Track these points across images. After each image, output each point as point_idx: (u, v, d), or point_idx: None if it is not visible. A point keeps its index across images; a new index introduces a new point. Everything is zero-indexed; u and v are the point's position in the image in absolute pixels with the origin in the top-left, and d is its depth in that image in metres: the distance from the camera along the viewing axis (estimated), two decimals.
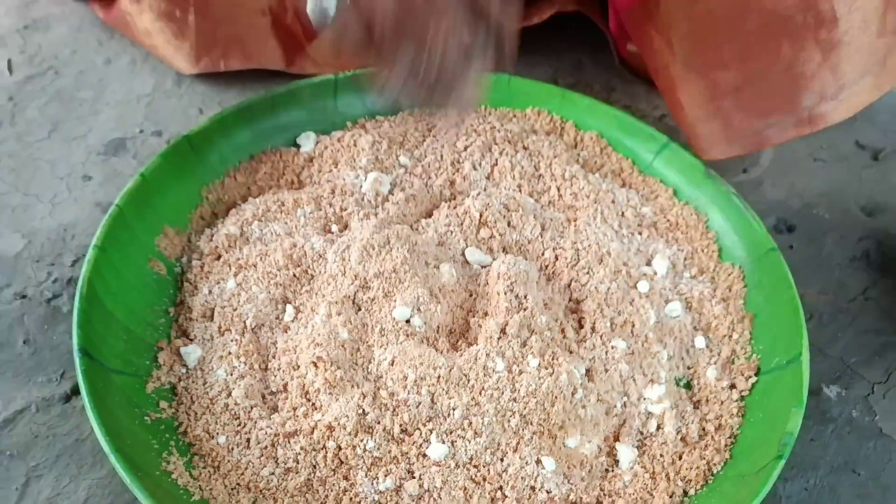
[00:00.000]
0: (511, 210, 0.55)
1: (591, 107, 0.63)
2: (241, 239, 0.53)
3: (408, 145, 0.61)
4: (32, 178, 0.60)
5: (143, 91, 0.68)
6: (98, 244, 0.48)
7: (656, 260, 0.55)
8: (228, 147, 0.58)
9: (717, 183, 0.57)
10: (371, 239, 0.50)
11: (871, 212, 0.63)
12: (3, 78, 0.68)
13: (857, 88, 0.53)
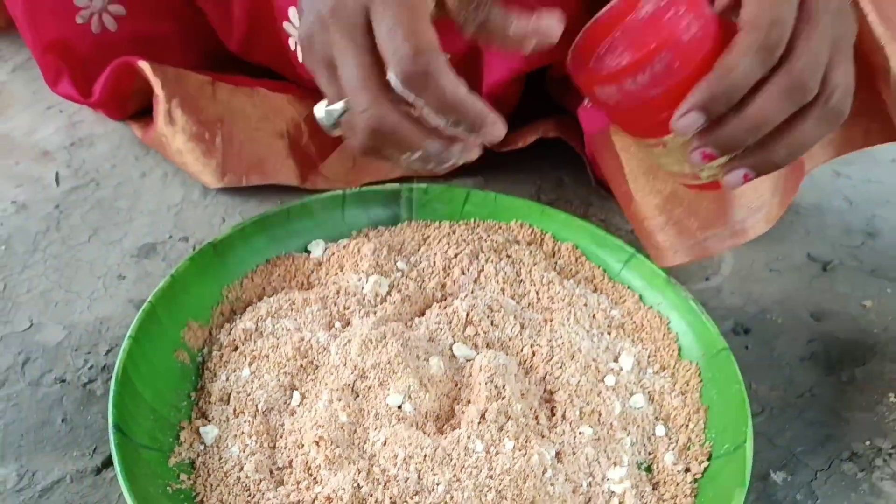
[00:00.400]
0: (494, 311, 0.63)
1: (567, 221, 0.71)
2: (256, 333, 0.60)
3: (405, 252, 0.69)
4: (74, 277, 0.68)
5: (172, 201, 0.77)
6: (133, 335, 0.56)
7: (622, 357, 0.62)
8: (247, 252, 0.66)
9: (678, 290, 0.65)
10: (369, 334, 0.57)
11: (819, 317, 0.71)
12: (52, 189, 0.77)
13: (774, 202, 0.64)
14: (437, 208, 0.73)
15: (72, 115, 0.87)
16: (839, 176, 0.88)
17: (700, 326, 0.63)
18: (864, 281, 0.74)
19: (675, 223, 0.65)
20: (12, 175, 0.78)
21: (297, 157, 0.79)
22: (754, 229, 0.65)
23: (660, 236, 0.65)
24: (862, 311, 0.71)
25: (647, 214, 0.65)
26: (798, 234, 0.79)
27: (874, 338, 0.69)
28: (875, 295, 0.73)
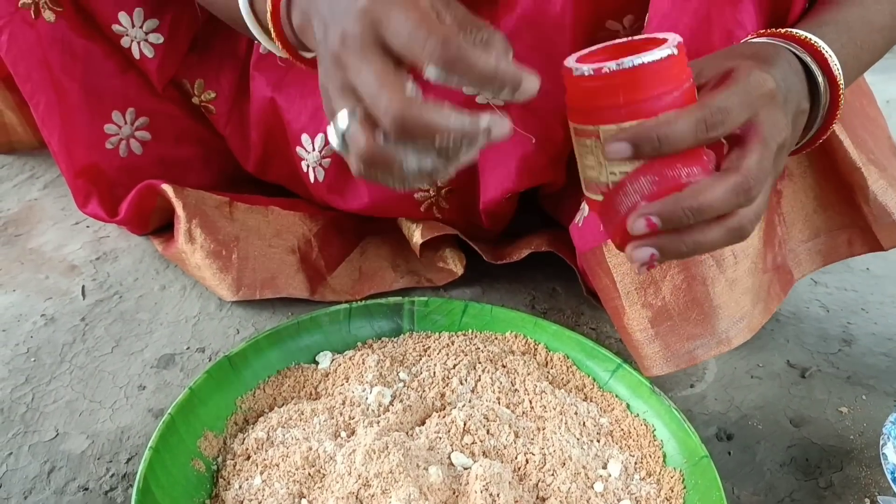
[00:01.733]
0: (490, 420, 0.67)
1: (559, 332, 0.76)
2: (268, 442, 0.65)
3: (407, 363, 0.74)
4: (98, 387, 0.73)
5: (190, 313, 0.82)
6: (153, 446, 0.60)
7: (611, 464, 0.66)
8: (260, 364, 0.71)
9: (662, 399, 0.69)
10: (373, 444, 0.62)
11: (798, 423, 0.75)
12: (78, 302, 0.83)
13: (755, 312, 0.69)
14: (437, 320, 0.79)
15: (97, 230, 0.94)
16: (816, 284, 0.94)
17: (683, 434, 0.67)
18: (841, 387, 0.79)
19: (662, 337, 0.70)
20: (42, 289, 0.84)
21: (307, 270, 0.85)
22: (738, 338, 0.70)
23: (649, 348, 0.70)
24: (839, 417, 0.75)
25: (638, 328, 0.71)
26: (778, 341, 0.84)
27: (850, 443, 0.72)
28: (851, 401, 0.77)
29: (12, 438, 0.67)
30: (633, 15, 0.69)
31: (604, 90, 0.49)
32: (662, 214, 0.48)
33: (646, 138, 0.47)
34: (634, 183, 0.49)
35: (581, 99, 0.51)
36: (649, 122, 0.47)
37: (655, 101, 0.48)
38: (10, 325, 0.79)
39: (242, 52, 0.88)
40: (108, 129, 0.87)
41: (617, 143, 0.47)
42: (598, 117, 0.50)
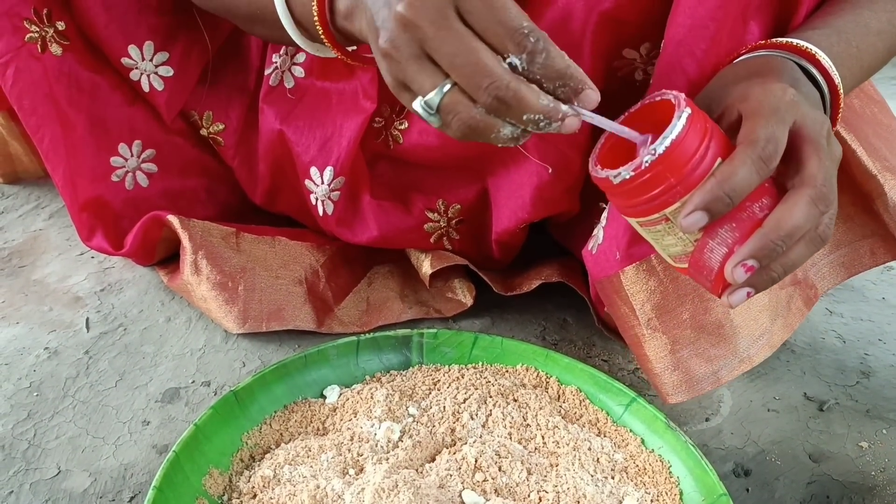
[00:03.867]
0: (502, 457, 0.66)
1: (571, 365, 0.75)
2: (274, 480, 0.63)
3: (416, 397, 0.72)
4: (101, 423, 0.72)
5: (196, 346, 0.81)
6: (157, 485, 0.59)
7: (626, 502, 0.64)
8: (267, 399, 0.70)
9: (678, 434, 0.68)
10: (382, 483, 0.60)
11: (817, 459, 0.73)
12: (82, 334, 0.81)
13: (775, 328, 0.68)
14: (447, 352, 0.77)
15: (102, 261, 0.93)
16: (832, 314, 0.92)
17: (700, 471, 0.65)
18: (860, 421, 0.77)
19: (685, 361, 0.69)
20: (46, 321, 0.83)
21: (315, 302, 0.84)
22: (759, 355, 0.69)
23: (670, 376, 0.69)
24: (859, 453, 0.73)
25: (659, 355, 0.69)
26: (794, 373, 0.83)
27: (872, 480, 0.70)
28: (871, 436, 0.75)
29: (13, 476, 0.66)
30: (650, 43, 0.69)
31: (650, 182, 0.49)
32: (756, 255, 0.48)
33: (716, 201, 0.48)
34: (715, 238, 0.50)
35: (631, 197, 0.51)
36: (709, 184, 0.48)
37: (700, 162, 0.48)
38: (12, 358, 0.78)
39: (252, 84, 0.88)
40: (115, 162, 0.87)
41: (691, 218, 0.48)
42: (657, 205, 0.50)
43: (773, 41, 0.58)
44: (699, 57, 0.60)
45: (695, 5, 0.59)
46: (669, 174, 0.48)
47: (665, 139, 0.48)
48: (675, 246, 0.53)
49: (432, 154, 0.81)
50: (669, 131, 0.48)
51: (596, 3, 0.65)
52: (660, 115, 0.50)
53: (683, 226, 0.49)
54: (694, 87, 0.61)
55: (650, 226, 0.52)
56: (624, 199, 0.52)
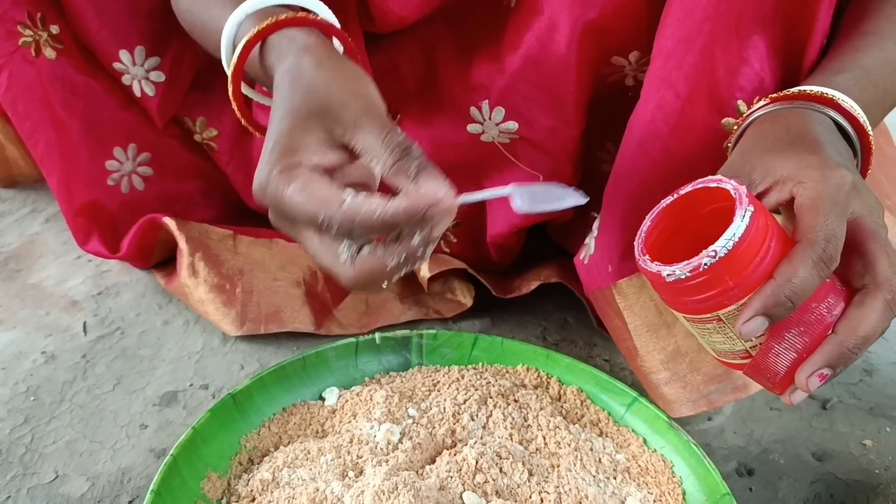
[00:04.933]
0: (503, 458, 0.65)
1: (572, 365, 0.74)
2: (273, 483, 0.62)
3: (416, 398, 0.72)
4: (98, 427, 0.71)
5: (193, 349, 0.80)
6: (154, 489, 0.58)
7: (629, 502, 0.64)
8: (265, 402, 0.69)
9: (680, 434, 0.67)
10: (382, 485, 0.59)
11: (820, 457, 0.72)
12: (79, 338, 0.81)
13: None
14: (446, 353, 0.77)
15: (99, 264, 0.92)
16: None
17: (703, 471, 0.64)
18: (864, 419, 0.76)
19: (679, 378, 0.68)
20: (43, 325, 0.83)
21: (313, 304, 0.83)
22: (755, 384, 0.67)
23: (665, 389, 0.68)
24: (863, 451, 0.73)
25: (652, 369, 0.69)
26: None
27: (876, 478, 0.70)
28: (875, 434, 0.75)
29: (10, 481, 0.65)
30: (638, 51, 0.68)
31: (706, 283, 0.46)
32: (830, 363, 0.46)
33: (777, 306, 0.45)
34: (782, 342, 0.48)
35: (683, 296, 0.48)
36: (769, 289, 0.45)
37: (760, 264, 0.46)
38: (9, 363, 0.77)
39: None
40: (110, 166, 0.86)
41: (751, 325, 0.46)
42: (711, 307, 0.48)
43: (804, 91, 0.54)
44: (687, 71, 0.59)
45: (682, 17, 0.58)
46: (728, 277, 0.46)
47: (727, 241, 0.45)
48: (722, 344, 0.50)
49: None
50: (732, 232, 0.45)
51: (581, 14, 0.64)
52: (714, 202, 0.48)
53: (743, 332, 0.46)
54: (683, 102, 0.60)
55: (699, 323, 0.50)
56: (674, 296, 0.49)
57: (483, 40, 0.73)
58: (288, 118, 0.48)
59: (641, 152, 0.63)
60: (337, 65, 0.51)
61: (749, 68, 0.58)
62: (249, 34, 0.55)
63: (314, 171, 0.46)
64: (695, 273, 0.46)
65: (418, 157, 0.46)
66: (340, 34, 0.58)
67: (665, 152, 0.62)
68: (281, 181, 0.45)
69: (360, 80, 0.51)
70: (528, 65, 0.69)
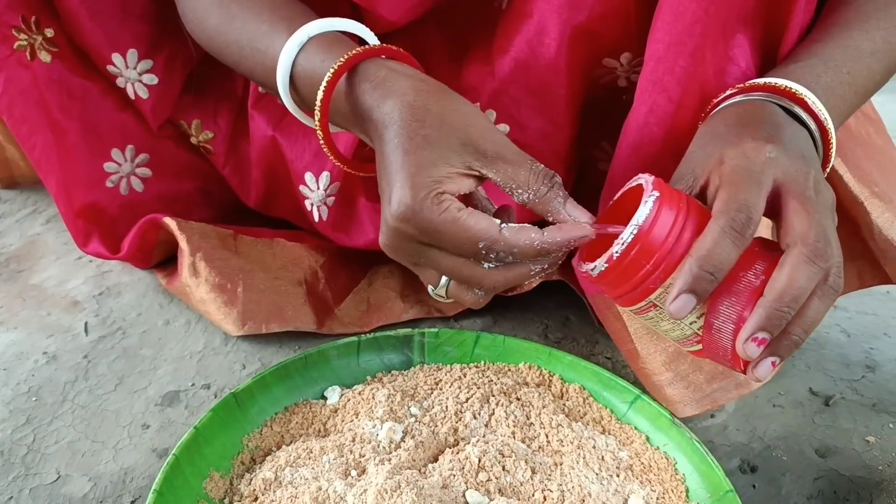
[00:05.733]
0: (506, 456, 0.65)
1: (574, 363, 0.74)
2: (275, 482, 0.62)
3: (418, 397, 0.72)
4: (100, 427, 0.71)
5: (195, 349, 0.80)
6: (157, 489, 0.58)
7: (632, 500, 0.64)
8: (267, 401, 0.69)
9: (683, 431, 0.67)
10: (385, 484, 0.59)
11: (824, 454, 0.72)
12: (81, 339, 0.81)
13: None
14: (448, 351, 0.77)
15: (100, 265, 0.92)
16: (836, 309, 0.91)
17: (706, 468, 0.64)
18: (867, 415, 0.76)
19: (682, 378, 0.68)
20: (44, 325, 0.83)
21: (314, 303, 0.83)
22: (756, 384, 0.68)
23: (669, 391, 0.69)
24: (866, 447, 0.73)
25: (654, 371, 0.69)
26: (799, 368, 0.82)
27: (879, 474, 0.70)
28: (878, 430, 0.74)
29: (13, 482, 0.65)
30: (630, 53, 0.68)
31: (627, 270, 0.48)
32: (764, 326, 0.46)
33: (697, 280, 0.46)
34: (718, 316, 0.49)
35: (615, 287, 0.50)
36: (686, 265, 0.46)
37: (675, 244, 0.47)
38: (11, 363, 0.77)
39: (239, 91, 0.87)
40: (108, 168, 0.86)
41: (678, 303, 0.47)
42: (640, 293, 0.49)
43: (753, 83, 0.55)
44: (679, 74, 0.59)
45: (672, 21, 0.58)
46: (644, 260, 0.48)
47: (631, 227, 0.47)
48: (673, 331, 0.52)
49: None
50: (636, 218, 0.47)
51: (570, 17, 0.64)
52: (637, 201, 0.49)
53: (672, 312, 0.47)
54: (676, 105, 0.60)
55: (642, 313, 0.51)
56: (609, 290, 0.51)
57: (474, 43, 0.73)
58: (431, 150, 0.50)
59: (636, 156, 0.63)
60: (454, 96, 0.53)
61: (735, 67, 0.59)
62: (338, 62, 0.54)
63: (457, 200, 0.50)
64: (612, 264, 0.48)
65: (561, 187, 0.50)
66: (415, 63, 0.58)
67: (659, 156, 0.62)
68: (435, 208, 0.48)
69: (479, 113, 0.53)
70: (519, 68, 0.69)
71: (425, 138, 0.49)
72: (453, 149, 0.50)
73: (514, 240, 0.48)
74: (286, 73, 0.58)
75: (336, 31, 0.59)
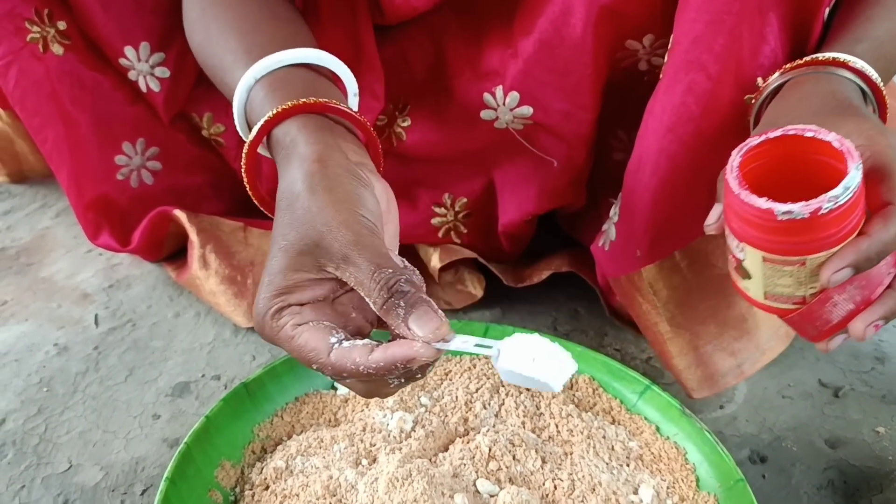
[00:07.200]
0: (516, 445, 0.65)
1: (583, 354, 0.74)
2: (286, 471, 0.63)
3: (428, 387, 0.72)
4: (111, 417, 0.71)
5: (205, 340, 0.81)
6: (169, 477, 0.58)
7: (642, 489, 0.64)
8: (277, 391, 0.69)
9: (693, 421, 0.67)
10: (396, 472, 0.59)
11: (833, 444, 0.72)
12: (91, 330, 0.81)
13: None
14: None
15: (110, 258, 0.92)
16: None
17: (716, 457, 0.64)
18: (876, 406, 0.76)
19: (708, 356, 0.69)
20: (55, 317, 0.83)
21: None
22: (777, 346, 0.70)
23: (693, 372, 0.69)
24: (876, 438, 0.73)
25: (681, 352, 0.69)
26: (808, 360, 0.82)
27: (889, 465, 0.70)
28: (888, 421, 0.74)
29: (25, 471, 0.66)
30: (653, 34, 0.68)
31: (815, 227, 0.48)
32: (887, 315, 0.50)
33: (866, 261, 0.48)
34: (843, 293, 0.50)
35: (781, 235, 0.49)
36: (865, 244, 0.48)
37: (857, 217, 0.48)
38: (22, 354, 0.78)
39: None
40: (119, 160, 0.86)
41: (840, 274, 0.48)
42: (805, 250, 0.49)
43: (829, 57, 0.56)
44: (718, 52, 0.59)
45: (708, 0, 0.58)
46: (835, 224, 0.48)
47: (848, 190, 0.46)
48: (786, 287, 0.52)
49: (436, 149, 0.80)
50: (850, 182, 0.46)
51: None
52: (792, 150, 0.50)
53: (831, 280, 0.48)
54: (714, 83, 0.60)
55: (779, 264, 0.51)
56: (770, 234, 0.50)
57: (493, 27, 0.73)
58: (282, 256, 0.48)
59: (672, 136, 0.63)
60: (331, 185, 0.49)
61: (767, 46, 0.59)
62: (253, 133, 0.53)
63: (304, 310, 0.48)
64: (812, 215, 0.47)
65: (407, 294, 0.46)
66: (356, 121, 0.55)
67: (696, 134, 0.62)
68: (273, 327, 0.48)
69: (354, 203, 0.48)
70: (543, 49, 0.69)
71: (287, 245, 0.48)
72: (308, 252, 0.47)
73: (340, 364, 0.46)
74: (241, 116, 0.58)
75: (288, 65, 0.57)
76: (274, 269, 0.48)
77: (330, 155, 0.50)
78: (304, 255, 0.47)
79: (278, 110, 0.52)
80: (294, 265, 0.47)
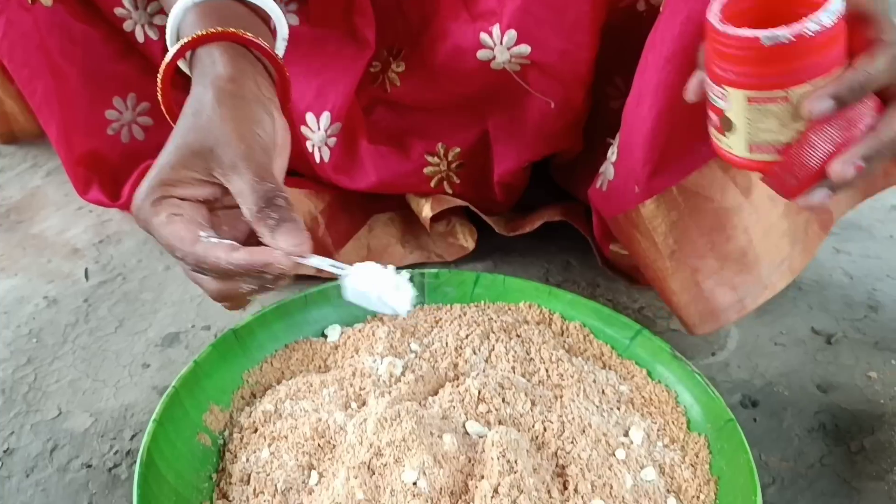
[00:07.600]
0: (506, 388, 0.65)
1: (574, 301, 0.74)
2: (275, 415, 0.62)
3: (418, 334, 0.72)
4: (101, 366, 0.71)
5: (195, 292, 0.80)
6: (157, 419, 0.58)
7: (632, 431, 0.63)
8: (267, 338, 0.69)
9: (683, 364, 0.67)
10: (385, 413, 0.59)
11: (825, 389, 0.72)
12: (81, 284, 0.81)
13: (795, 253, 0.68)
14: (448, 292, 0.76)
15: (100, 214, 0.92)
16: (839, 252, 0.91)
17: (707, 399, 0.64)
18: (869, 353, 0.76)
19: (709, 291, 0.68)
20: (45, 272, 0.83)
21: (314, 248, 0.82)
22: (781, 281, 0.69)
23: (695, 307, 0.69)
24: (868, 382, 0.73)
25: (683, 287, 0.69)
26: (801, 308, 0.81)
27: (881, 408, 0.70)
28: (880, 366, 0.74)
29: (14, 418, 0.65)
30: None
31: (800, 53, 0.46)
32: (869, 156, 0.47)
33: (849, 92, 0.46)
34: (821, 134, 0.48)
35: (765, 65, 0.48)
36: (849, 74, 0.46)
37: (840, 48, 0.47)
38: (11, 307, 0.78)
39: None
40: (109, 115, 0.86)
41: (822, 104, 0.46)
42: (788, 80, 0.47)
43: None
44: None
45: None
46: (820, 52, 0.46)
47: (832, 14, 0.45)
48: (768, 132, 0.50)
49: (431, 95, 0.80)
50: (835, 6, 0.45)
51: None
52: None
53: (812, 110, 0.46)
54: None
55: (761, 102, 0.49)
56: (752, 66, 0.48)
57: None
58: (176, 152, 0.51)
59: (670, 66, 0.62)
60: (237, 104, 0.52)
61: None
62: (181, 42, 0.55)
63: (183, 204, 0.50)
64: (798, 38, 0.45)
65: (281, 209, 0.49)
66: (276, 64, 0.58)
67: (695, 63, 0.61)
68: (150, 211, 0.50)
69: (254, 123, 0.52)
70: None
71: (183, 143, 0.51)
72: (201, 154, 0.50)
73: (203, 255, 0.49)
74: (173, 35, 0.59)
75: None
76: (164, 162, 0.50)
77: (243, 81, 0.54)
78: (197, 157, 0.50)
79: (204, 33, 0.55)
80: (185, 163, 0.50)
